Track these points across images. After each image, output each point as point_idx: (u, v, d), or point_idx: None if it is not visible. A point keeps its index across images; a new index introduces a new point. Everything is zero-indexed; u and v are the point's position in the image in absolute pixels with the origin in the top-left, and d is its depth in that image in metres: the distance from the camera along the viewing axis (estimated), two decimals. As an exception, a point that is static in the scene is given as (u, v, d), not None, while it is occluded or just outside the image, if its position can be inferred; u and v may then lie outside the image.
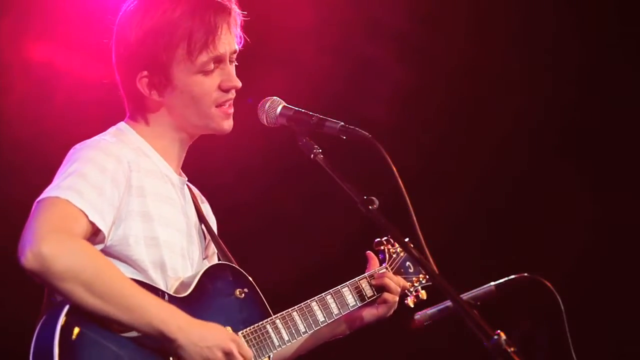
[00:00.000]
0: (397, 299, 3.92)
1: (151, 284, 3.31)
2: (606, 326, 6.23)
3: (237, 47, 3.61)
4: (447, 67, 6.44)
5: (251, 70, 6.19)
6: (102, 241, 3.26)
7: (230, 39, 3.56)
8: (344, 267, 6.18)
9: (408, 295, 4.03)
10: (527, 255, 6.17)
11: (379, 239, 4.02)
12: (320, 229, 6.32)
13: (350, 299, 3.84)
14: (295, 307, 3.65)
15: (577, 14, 6.34)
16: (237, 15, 3.60)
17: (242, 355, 3.24)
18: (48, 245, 3.02)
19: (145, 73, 3.51)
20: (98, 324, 3.09)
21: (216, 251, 3.73)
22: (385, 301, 3.90)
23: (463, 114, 6.50)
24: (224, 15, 3.53)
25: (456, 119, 6.50)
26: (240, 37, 3.63)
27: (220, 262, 3.61)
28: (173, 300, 3.31)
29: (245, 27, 3.68)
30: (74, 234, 3.11)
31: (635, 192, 6.36)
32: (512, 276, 3.99)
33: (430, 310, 4.03)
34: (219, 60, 3.53)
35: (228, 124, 3.59)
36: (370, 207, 3.12)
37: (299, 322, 3.62)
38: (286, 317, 3.59)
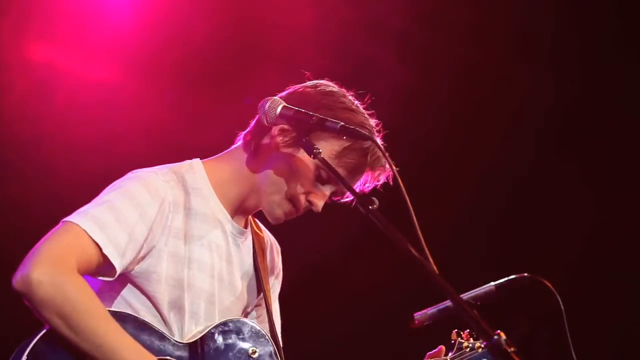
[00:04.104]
0: None
1: (155, 325, 3.30)
2: (606, 326, 6.23)
3: (342, 197, 3.57)
4: (448, 67, 6.44)
5: (251, 70, 6.23)
6: (113, 276, 3.26)
7: (355, 184, 3.51)
8: (344, 267, 6.17)
9: None
10: (527, 255, 6.17)
11: (457, 330, 3.96)
12: (320, 229, 6.32)
13: None
14: None
15: (577, 14, 6.34)
16: (372, 182, 3.55)
17: None
18: (38, 271, 3.06)
19: (288, 127, 3.44)
20: (69, 357, 3.11)
21: (264, 308, 3.69)
22: None
23: (463, 114, 6.50)
24: (375, 172, 3.52)
25: (456, 119, 6.50)
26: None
27: (242, 319, 3.54)
28: (174, 345, 3.31)
29: (246, 27, 3.68)
30: (70, 266, 3.13)
31: (636, 192, 6.37)
32: (512, 276, 3.98)
33: (430, 310, 4.02)
34: (336, 181, 3.45)
35: (279, 220, 3.55)
36: (370, 207, 3.11)
37: None
38: None
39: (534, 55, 6.46)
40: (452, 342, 3.91)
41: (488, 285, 3.97)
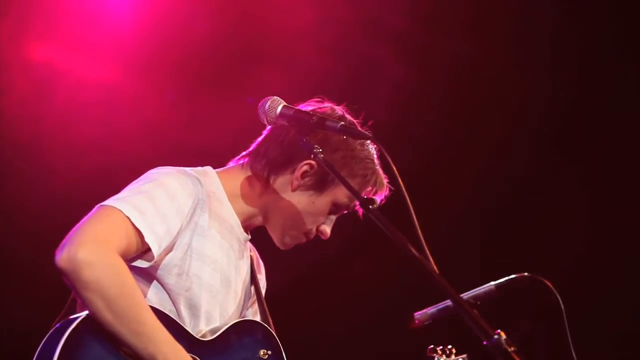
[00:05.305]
0: None
1: (177, 320, 3.31)
2: (606, 326, 6.23)
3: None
4: (447, 66, 6.44)
5: (251, 70, 6.23)
6: (149, 261, 3.27)
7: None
8: (343, 266, 6.17)
9: None
10: (527, 255, 6.17)
11: (432, 346, 3.96)
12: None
13: None
14: None
15: (577, 14, 6.34)
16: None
17: None
18: (85, 251, 3.03)
19: (311, 170, 3.54)
20: (106, 342, 3.09)
21: (259, 313, 3.73)
22: None
23: (463, 113, 6.50)
24: (380, 192, 3.63)
25: (456, 119, 6.50)
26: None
27: (253, 319, 3.61)
28: (194, 342, 3.31)
29: (245, 27, 3.68)
30: (115, 250, 3.12)
31: (635, 192, 6.36)
32: (512, 276, 3.98)
33: (430, 310, 4.02)
34: (342, 209, 3.60)
35: (290, 247, 3.68)
36: (370, 206, 3.11)
37: None
38: None
39: (534, 55, 6.46)
40: (430, 357, 3.91)
41: (488, 285, 3.97)
